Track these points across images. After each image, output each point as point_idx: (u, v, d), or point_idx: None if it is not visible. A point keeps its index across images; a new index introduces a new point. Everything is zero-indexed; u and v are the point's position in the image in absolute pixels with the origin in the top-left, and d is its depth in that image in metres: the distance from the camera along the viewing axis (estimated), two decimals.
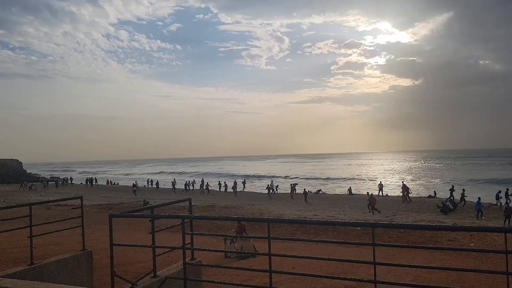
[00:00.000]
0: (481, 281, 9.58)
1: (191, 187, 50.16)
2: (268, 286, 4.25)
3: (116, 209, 29.38)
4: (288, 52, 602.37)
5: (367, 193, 34.29)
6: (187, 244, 5.35)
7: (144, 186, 60.04)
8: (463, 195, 30.32)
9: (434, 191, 39.58)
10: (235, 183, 45.98)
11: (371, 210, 27.37)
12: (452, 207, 27.71)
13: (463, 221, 23.11)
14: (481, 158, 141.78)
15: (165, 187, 54.76)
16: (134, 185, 50.60)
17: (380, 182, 42.19)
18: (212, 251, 5.36)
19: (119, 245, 5.08)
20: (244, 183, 49.61)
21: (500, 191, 29.78)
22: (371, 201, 28.11)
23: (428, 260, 12.81)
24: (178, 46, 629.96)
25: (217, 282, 5.13)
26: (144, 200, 32.45)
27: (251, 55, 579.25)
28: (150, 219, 5.20)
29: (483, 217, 24.47)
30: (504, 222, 22.02)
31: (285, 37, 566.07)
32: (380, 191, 38.60)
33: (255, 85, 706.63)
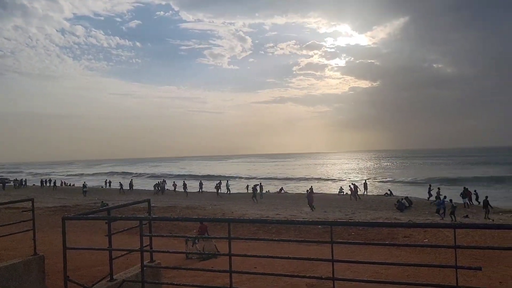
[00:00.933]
0: (435, 275, 10.00)
1: (159, 188, 48.35)
2: (229, 286, 4.20)
3: (71, 211, 28.25)
4: (251, 52, 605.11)
5: (307, 190, 35.28)
6: (145, 246, 5.21)
7: (102, 187, 58.08)
8: (438, 194, 31.40)
9: (389, 189, 41.08)
10: (185, 184, 46.53)
11: (311, 208, 28.36)
12: (407, 205, 28.83)
13: (417, 218, 24.11)
14: (437, 158, 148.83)
15: (124, 188, 53.27)
16: (84, 186, 48.87)
17: (365, 181, 42.68)
18: (172, 252, 5.24)
19: (72, 248, 4.85)
20: (201, 184, 48.52)
21: (435, 188, 32.46)
22: (309, 199, 29.17)
23: (386, 256, 13.24)
24: (138, 44, 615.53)
25: (177, 284, 5.02)
26: (102, 201, 31.44)
27: (213, 54, 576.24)
28: (106, 221, 5.01)
29: (452, 216, 23.74)
30: (451, 218, 23.11)
31: (247, 37, 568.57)
32: (365, 190, 38.89)
33: (217, 84, 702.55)
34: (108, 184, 58.45)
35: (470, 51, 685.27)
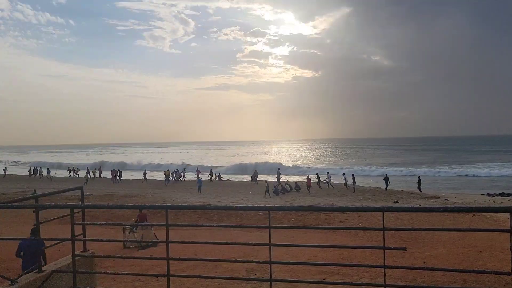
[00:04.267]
0: (367, 257, 10.59)
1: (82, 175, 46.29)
2: (166, 274, 4.11)
3: None
4: (194, 36, 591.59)
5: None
6: (78, 235, 4.93)
7: (33, 175, 54.21)
8: (354, 179, 33.57)
9: (329, 176, 42.67)
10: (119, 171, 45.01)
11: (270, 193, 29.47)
12: (289, 189, 32.15)
13: (353, 203, 25.33)
14: (373, 147, 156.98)
15: (56, 175, 50.17)
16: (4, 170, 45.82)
17: (328, 173, 42.67)
18: (106, 241, 5.01)
19: None
20: (145, 173, 47.22)
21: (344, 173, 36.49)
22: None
23: (323, 240, 13.78)
24: (71, 21, 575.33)
25: (111, 273, 4.82)
26: (35, 190, 29.46)
27: (154, 37, 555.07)
28: (34, 210, 4.66)
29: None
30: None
31: (190, 20, 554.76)
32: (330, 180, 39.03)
33: (158, 68, 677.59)
34: (37, 172, 54.60)
35: (404, 45, 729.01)
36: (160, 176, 46.29)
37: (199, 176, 38.43)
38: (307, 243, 12.91)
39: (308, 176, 34.88)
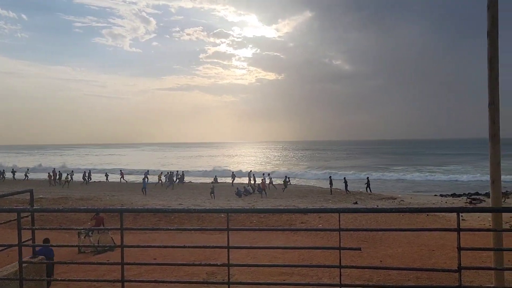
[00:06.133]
0: (327, 257, 10.75)
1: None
2: (121, 279, 3.96)
3: None
4: (155, 35, 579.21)
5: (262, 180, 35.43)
6: (27, 240, 4.67)
7: None
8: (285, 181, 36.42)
9: (287, 177, 43.20)
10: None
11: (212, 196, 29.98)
12: (251, 191, 32.62)
13: (313, 205, 25.73)
14: (335, 149, 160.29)
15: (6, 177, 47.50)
16: None
17: (269, 174, 42.42)
18: (56, 246, 4.77)
19: None
20: (106, 174, 45.85)
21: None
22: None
23: (284, 241, 13.88)
24: (24, 16, 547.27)
25: (61, 280, 4.59)
26: None
27: (113, 34, 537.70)
28: None
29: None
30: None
31: (151, 19, 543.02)
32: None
33: (118, 67, 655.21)
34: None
35: (365, 50, 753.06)
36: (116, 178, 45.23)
37: (145, 178, 37.55)
38: (269, 245, 12.99)
39: (262, 179, 35.31)
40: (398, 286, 5.34)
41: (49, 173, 44.15)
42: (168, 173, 42.41)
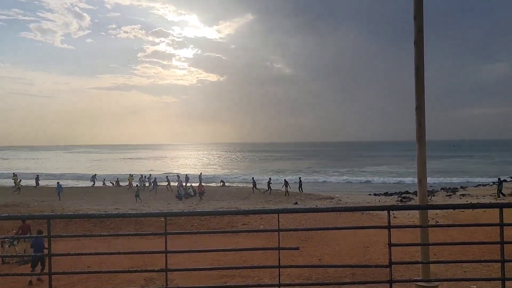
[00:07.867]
0: (267, 258, 10.88)
1: None
2: None
3: None
4: (90, 31, 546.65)
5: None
6: None
7: None
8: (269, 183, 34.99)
9: (222, 181, 43.47)
10: None
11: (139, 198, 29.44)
12: (193, 194, 32.53)
13: (255, 206, 25.97)
14: (276, 151, 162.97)
15: None
16: None
17: (253, 179, 41.39)
18: None
19: None
20: (37, 178, 42.45)
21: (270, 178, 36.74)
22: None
23: (225, 243, 13.84)
24: None
25: None
26: None
27: (42, 29, 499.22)
28: None
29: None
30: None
31: (85, 14, 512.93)
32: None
33: (47, 64, 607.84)
34: None
35: (304, 55, 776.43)
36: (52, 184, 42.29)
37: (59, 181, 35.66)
38: (210, 247, 12.82)
39: (200, 183, 35.20)
40: (335, 283, 5.53)
41: None
42: (142, 176, 41.46)
